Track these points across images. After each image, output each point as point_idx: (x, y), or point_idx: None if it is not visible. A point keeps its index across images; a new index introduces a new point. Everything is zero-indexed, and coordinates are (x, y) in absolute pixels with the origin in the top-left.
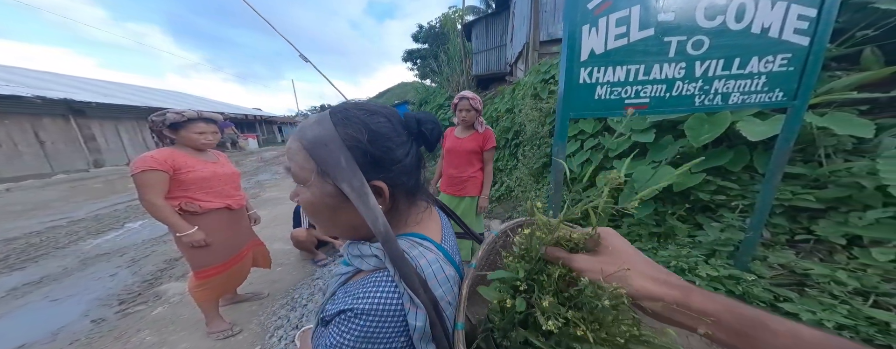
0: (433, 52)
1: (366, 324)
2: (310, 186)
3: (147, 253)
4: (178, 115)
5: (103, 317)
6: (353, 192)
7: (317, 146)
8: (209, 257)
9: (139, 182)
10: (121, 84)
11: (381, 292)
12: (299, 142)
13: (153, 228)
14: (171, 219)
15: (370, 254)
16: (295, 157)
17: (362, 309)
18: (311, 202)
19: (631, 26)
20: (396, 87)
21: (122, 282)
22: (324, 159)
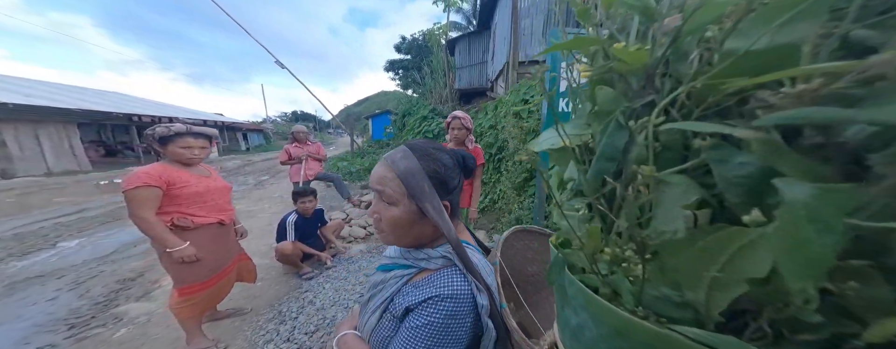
0: (416, 64)
1: (450, 306)
2: (399, 206)
3: (93, 274)
4: (165, 128)
5: (52, 344)
6: (433, 211)
7: (408, 176)
8: (196, 273)
9: (131, 198)
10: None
11: (457, 282)
12: (393, 171)
13: (94, 248)
14: (162, 235)
15: (438, 256)
16: (389, 184)
17: (447, 294)
18: (398, 218)
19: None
20: (376, 95)
21: (66, 305)
22: (413, 186)
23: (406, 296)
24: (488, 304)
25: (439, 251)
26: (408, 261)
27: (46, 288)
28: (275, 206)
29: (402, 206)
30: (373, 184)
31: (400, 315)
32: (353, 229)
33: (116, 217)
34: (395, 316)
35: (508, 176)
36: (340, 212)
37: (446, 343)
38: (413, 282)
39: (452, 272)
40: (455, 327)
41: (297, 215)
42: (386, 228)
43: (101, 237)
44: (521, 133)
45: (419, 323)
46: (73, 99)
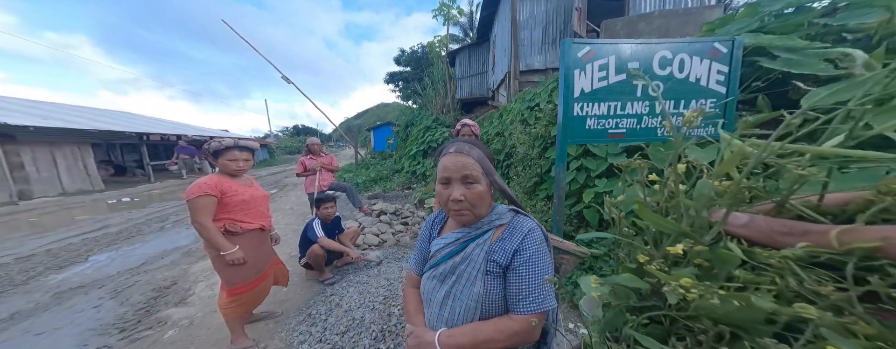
0: (416, 76)
1: (539, 233)
2: (481, 183)
3: (129, 283)
4: (218, 143)
5: (108, 345)
6: (498, 182)
7: (482, 159)
8: (243, 275)
9: (193, 206)
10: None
11: (530, 221)
12: (470, 158)
13: (124, 260)
14: (217, 239)
15: (506, 211)
16: (472, 167)
17: (534, 226)
18: (483, 192)
19: (609, 71)
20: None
21: (112, 312)
22: (486, 166)
23: (501, 248)
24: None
25: (504, 207)
26: (481, 228)
27: (90, 296)
28: (287, 218)
29: (483, 182)
30: (454, 173)
31: (504, 265)
32: (367, 237)
33: (139, 231)
34: (498, 271)
35: (518, 181)
36: (353, 221)
37: (549, 259)
38: (498, 238)
39: (522, 217)
40: (547, 247)
41: (320, 220)
42: (472, 205)
43: (129, 251)
44: (530, 138)
45: (530, 253)
46: (87, 119)
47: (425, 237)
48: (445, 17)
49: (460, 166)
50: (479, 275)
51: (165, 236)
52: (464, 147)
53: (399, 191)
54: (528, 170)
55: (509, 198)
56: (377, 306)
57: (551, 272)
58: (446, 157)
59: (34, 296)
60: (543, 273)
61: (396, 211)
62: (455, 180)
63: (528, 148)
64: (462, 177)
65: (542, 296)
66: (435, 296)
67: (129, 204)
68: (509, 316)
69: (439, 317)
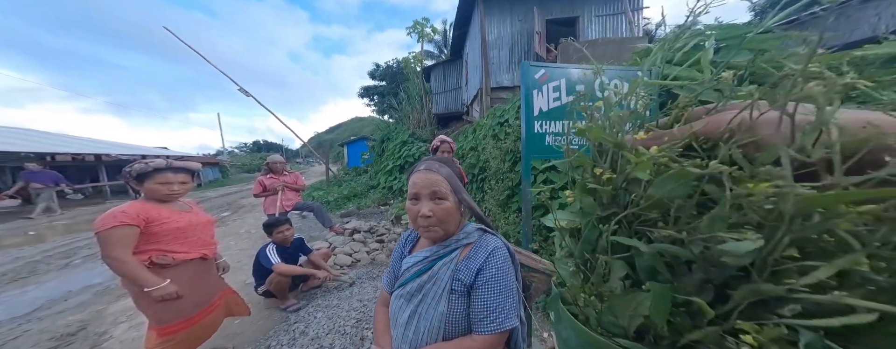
0: (392, 90)
1: (504, 251)
2: (448, 200)
3: (15, 334)
4: (144, 164)
5: None
6: (466, 200)
7: (450, 177)
8: (178, 310)
9: (103, 239)
10: None
11: (497, 239)
12: (439, 175)
13: (7, 306)
14: (138, 274)
15: (474, 230)
16: (440, 184)
17: (499, 245)
18: (450, 208)
19: (561, 92)
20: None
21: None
22: (454, 183)
23: (466, 267)
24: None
25: (472, 227)
26: (449, 247)
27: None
28: (241, 243)
29: (451, 199)
30: (424, 189)
31: (469, 284)
32: (339, 257)
33: (32, 271)
34: (463, 290)
35: (492, 194)
36: (323, 242)
37: (513, 278)
38: (465, 257)
39: (489, 235)
40: (512, 266)
41: (275, 245)
42: (440, 221)
43: (13, 295)
44: (501, 153)
45: (492, 272)
46: None
47: (397, 255)
48: (419, 35)
49: (429, 183)
50: (444, 294)
51: (71, 274)
52: (433, 165)
53: (375, 208)
54: (500, 183)
55: (478, 217)
56: (348, 330)
57: (514, 291)
58: (416, 175)
59: None
60: (506, 292)
61: (371, 228)
62: (424, 196)
63: (499, 162)
64: (430, 194)
65: (504, 316)
66: (401, 315)
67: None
68: (471, 336)
69: (404, 337)
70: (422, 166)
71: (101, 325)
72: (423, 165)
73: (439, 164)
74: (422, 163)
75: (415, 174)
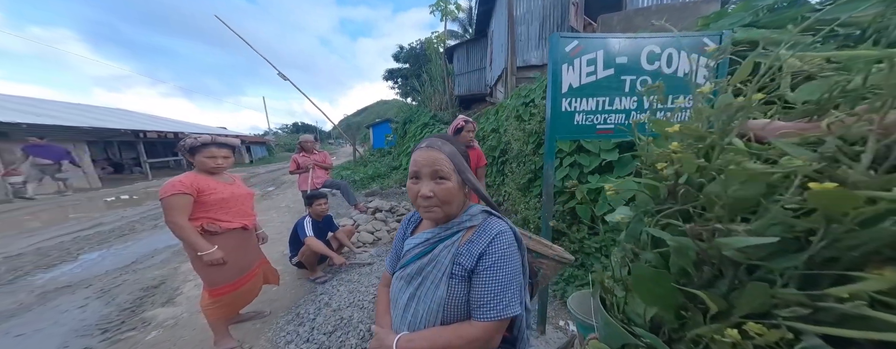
0: (415, 72)
1: (509, 237)
2: (451, 180)
3: (116, 282)
4: (193, 139)
5: (89, 346)
6: (472, 179)
7: (453, 155)
8: (224, 275)
9: (166, 205)
10: (53, 101)
11: (502, 223)
12: (442, 154)
13: (115, 258)
14: (193, 239)
15: (479, 212)
16: (443, 163)
17: (504, 229)
18: (452, 188)
19: (597, 66)
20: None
21: (97, 312)
22: (458, 162)
23: (468, 251)
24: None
25: (477, 208)
26: (451, 229)
27: (76, 296)
28: (282, 216)
29: (454, 179)
30: (424, 167)
31: (470, 269)
32: (361, 235)
33: (131, 230)
34: (464, 275)
35: (513, 177)
36: (348, 219)
37: (517, 264)
38: (467, 240)
39: (492, 218)
40: (516, 251)
41: (311, 219)
42: (441, 202)
43: (120, 249)
44: (524, 135)
45: (496, 257)
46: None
47: (400, 236)
48: (443, 13)
49: (430, 161)
50: (443, 277)
51: (158, 234)
52: (436, 142)
53: (396, 189)
54: (522, 166)
55: (483, 198)
56: (366, 305)
57: (518, 278)
58: (417, 152)
59: (19, 296)
60: (509, 279)
61: (392, 208)
62: (425, 175)
63: (522, 144)
64: (431, 173)
65: (505, 303)
66: (401, 297)
67: (126, 201)
68: (470, 322)
69: (403, 319)
70: (424, 143)
71: (175, 282)
72: (426, 142)
73: (442, 142)
74: (425, 140)
75: (416, 151)
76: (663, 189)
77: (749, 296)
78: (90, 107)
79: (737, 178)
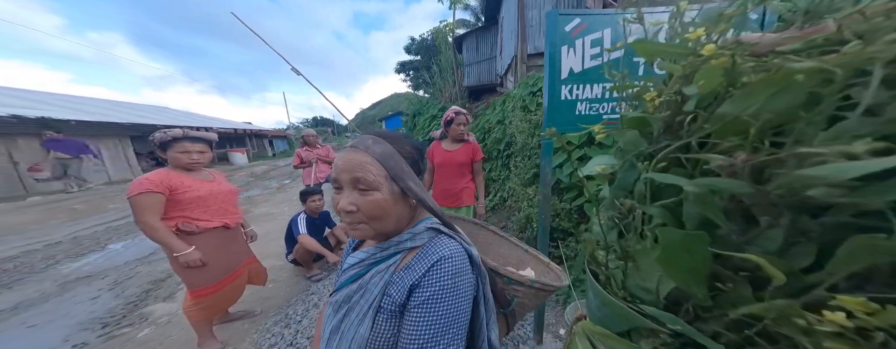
0: (425, 64)
1: (453, 264)
2: (381, 190)
3: (130, 274)
4: (163, 133)
5: (85, 342)
6: (415, 187)
7: (387, 157)
8: (205, 276)
9: (135, 204)
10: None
11: (451, 244)
12: (369, 156)
13: (137, 248)
14: (167, 240)
15: (423, 230)
16: (368, 168)
17: (447, 255)
18: (381, 201)
19: (603, 46)
20: (389, 98)
21: (106, 305)
22: (393, 167)
23: (402, 280)
24: (478, 254)
25: (423, 225)
26: (388, 250)
27: (91, 287)
28: (295, 209)
29: (385, 189)
30: (343, 174)
31: (401, 303)
32: None
33: None
34: (394, 310)
35: (517, 172)
36: None
37: (459, 301)
38: (404, 266)
39: (442, 238)
40: (462, 284)
41: (306, 215)
42: (367, 218)
43: (143, 239)
44: (530, 126)
45: (429, 293)
46: (126, 114)
47: (347, 249)
48: (452, 0)
49: (351, 166)
50: (369, 311)
51: None
52: (366, 141)
53: None
54: (527, 160)
55: (433, 212)
56: None
57: (462, 319)
58: (339, 154)
59: (43, 285)
60: (448, 321)
61: None
62: (345, 184)
63: (527, 136)
64: (352, 181)
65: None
66: (326, 328)
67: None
68: None
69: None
70: (351, 142)
71: None
72: (354, 141)
73: (374, 140)
74: (364, 137)
75: (339, 153)
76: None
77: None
78: (134, 104)
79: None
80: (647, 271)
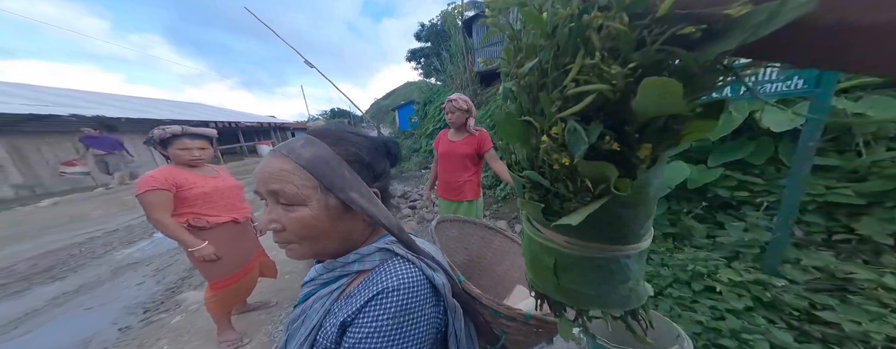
0: (436, 51)
1: (400, 298)
2: (310, 204)
3: (170, 262)
4: (162, 130)
5: (129, 325)
6: (362, 198)
7: (318, 163)
8: (220, 270)
9: (144, 202)
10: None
11: (403, 270)
12: (293, 163)
13: None
14: (180, 236)
15: (374, 251)
16: (290, 178)
17: (394, 286)
18: (309, 219)
19: None
20: (402, 87)
21: (148, 290)
22: (326, 174)
23: (340, 311)
24: (447, 283)
25: (375, 245)
26: (335, 272)
27: (138, 273)
28: None
29: (315, 203)
30: (259, 185)
31: (334, 341)
32: None
33: None
34: (329, 347)
35: None
36: None
37: (406, 344)
38: (348, 293)
39: (395, 263)
40: (412, 322)
41: None
42: (296, 238)
43: None
44: None
45: (362, 335)
46: (169, 111)
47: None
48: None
49: (266, 175)
50: (305, 344)
51: None
52: (292, 145)
53: (415, 172)
54: None
55: (385, 228)
56: None
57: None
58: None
59: (100, 270)
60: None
61: (404, 193)
62: (266, 197)
63: None
64: (269, 194)
65: None
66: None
67: None
68: None
69: None
70: (279, 145)
71: None
72: (283, 144)
73: (304, 142)
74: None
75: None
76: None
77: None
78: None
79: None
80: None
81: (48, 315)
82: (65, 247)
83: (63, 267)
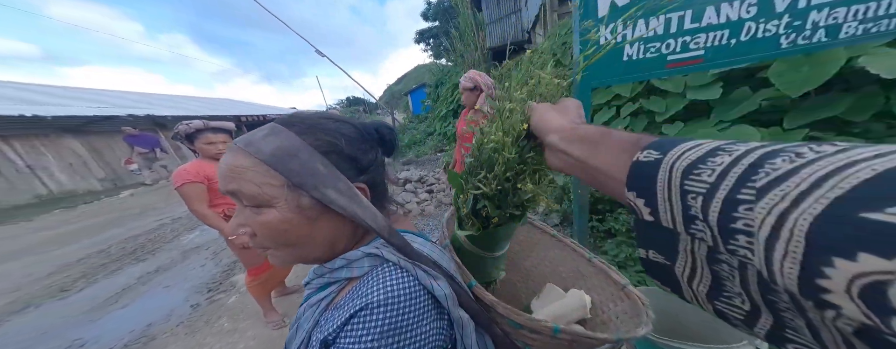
0: (444, 30)
1: (389, 313)
2: (277, 205)
3: (223, 247)
4: (186, 126)
5: (198, 303)
6: (342, 196)
7: (282, 158)
8: (258, 256)
9: (183, 194)
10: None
11: (393, 279)
12: (252, 158)
13: None
14: (219, 225)
15: (361, 257)
16: (247, 176)
17: (379, 301)
18: (279, 221)
19: None
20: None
21: (209, 272)
22: (293, 169)
23: (326, 325)
24: (452, 292)
25: (362, 250)
26: (324, 278)
27: (200, 256)
28: None
29: (283, 203)
30: (221, 186)
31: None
32: None
33: None
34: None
35: None
36: None
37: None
38: (335, 304)
39: (384, 270)
40: (404, 343)
41: None
42: (271, 243)
43: None
44: (560, 88)
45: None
46: (205, 108)
47: None
48: None
49: (224, 173)
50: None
51: None
52: (252, 137)
53: (432, 155)
54: None
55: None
56: None
57: None
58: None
59: (172, 254)
60: None
61: (421, 178)
62: (232, 197)
63: (559, 96)
64: (229, 194)
65: None
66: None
67: None
68: None
69: None
70: (239, 138)
71: None
72: (242, 137)
73: (268, 132)
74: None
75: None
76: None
77: None
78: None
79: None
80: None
81: (137, 292)
82: (142, 233)
83: (143, 250)
